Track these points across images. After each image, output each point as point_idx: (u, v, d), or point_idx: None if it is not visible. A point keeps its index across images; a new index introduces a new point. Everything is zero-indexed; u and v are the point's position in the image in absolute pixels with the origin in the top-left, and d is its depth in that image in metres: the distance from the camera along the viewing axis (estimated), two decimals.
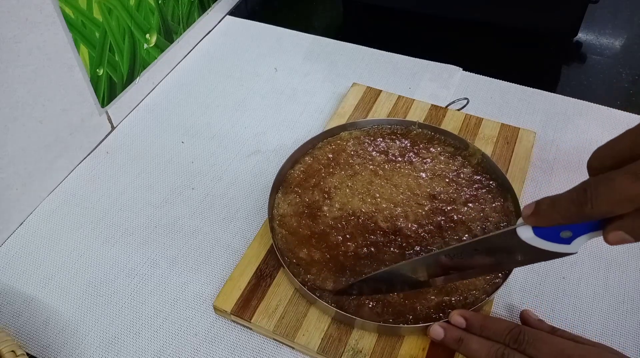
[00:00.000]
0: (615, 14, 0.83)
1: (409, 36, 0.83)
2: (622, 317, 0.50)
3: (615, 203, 0.31)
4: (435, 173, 0.57)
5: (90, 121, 0.64)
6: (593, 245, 0.55)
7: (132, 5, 0.65)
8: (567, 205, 0.33)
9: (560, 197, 0.34)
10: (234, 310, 0.49)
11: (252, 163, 0.65)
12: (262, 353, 0.49)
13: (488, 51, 0.80)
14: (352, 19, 0.88)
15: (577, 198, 0.33)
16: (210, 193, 0.62)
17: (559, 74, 0.76)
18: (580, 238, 0.36)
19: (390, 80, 0.74)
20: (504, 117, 0.67)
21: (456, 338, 0.44)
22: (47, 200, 0.61)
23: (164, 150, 0.66)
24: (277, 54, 0.79)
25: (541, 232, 0.37)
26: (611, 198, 0.31)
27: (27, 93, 0.55)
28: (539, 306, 0.51)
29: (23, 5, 0.51)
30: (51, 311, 0.52)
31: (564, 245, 0.37)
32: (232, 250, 0.56)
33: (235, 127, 0.69)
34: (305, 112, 0.70)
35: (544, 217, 0.36)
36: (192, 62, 0.78)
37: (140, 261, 0.56)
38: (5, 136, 0.54)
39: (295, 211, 0.55)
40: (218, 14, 0.84)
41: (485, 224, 0.53)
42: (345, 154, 0.59)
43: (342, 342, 0.47)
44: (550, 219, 0.35)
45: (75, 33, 0.58)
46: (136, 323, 0.51)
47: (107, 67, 0.64)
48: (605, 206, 0.31)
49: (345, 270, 0.50)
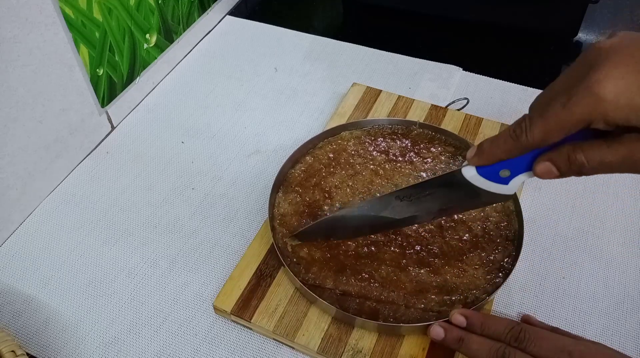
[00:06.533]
0: (615, 14, 0.83)
1: (409, 36, 0.83)
2: (622, 317, 0.50)
3: (547, 131, 0.34)
4: (436, 173, 0.57)
5: (90, 121, 0.64)
6: (593, 245, 0.55)
7: (132, 5, 0.65)
8: (506, 139, 0.37)
9: (500, 134, 0.38)
10: (234, 310, 0.49)
11: (252, 163, 0.65)
12: (262, 353, 0.49)
13: (488, 51, 0.80)
14: (352, 19, 0.88)
15: (514, 131, 0.36)
16: (210, 193, 0.62)
17: (559, 74, 0.76)
18: (516, 177, 0.39)
19: (390, 80, 0.74)
20: (504, 117, 0.67)
21: (457, 338, 0.44)
22: (47, 200, 0.61)
23: (164, 150, 0.66)
24: (277, 54, 0.79)
25: (483, 171, 0.40)
26: (544, 126, 0.34)
27: (27, 93, 0.55)
28: (539, 306, 0.51)
29: (23, 5, 0.51)
30: (51, 311, 0.52)
31: (503, 185, 0.40)
32: (232, 250, 0.56)
33: (235, 127, 0.69)
34: (305, 112, 0.70)
35: (486, 154, 0.39)
36: (192, 62, 0.78)
37: (140, 261, 0.56)
38: (5, 136, 0.54)
39: (296, 210, 0.55)
40: (218, 14, 0.84)
41: (485, 224, 0.53)
42: (346, 153, 0.59)
43: (342, 342, 0.47)
44: (492, 155, 0.39)
45: (75, 33, 0.58)
46: (136, 323, 0.51)
47: (107, 67, 0.64)
48: (539, 133, 0.34)
49: (346, 269, 0.50)
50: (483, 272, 0.50)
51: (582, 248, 0.55)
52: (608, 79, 0.31)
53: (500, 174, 0.40)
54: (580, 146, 0.34)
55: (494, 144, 0.38)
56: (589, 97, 0.31)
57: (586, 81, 0.32)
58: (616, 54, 0.32)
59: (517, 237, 0.52)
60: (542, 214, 0.58)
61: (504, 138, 0.37)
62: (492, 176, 0.40)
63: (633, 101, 0.31)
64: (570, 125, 0.33)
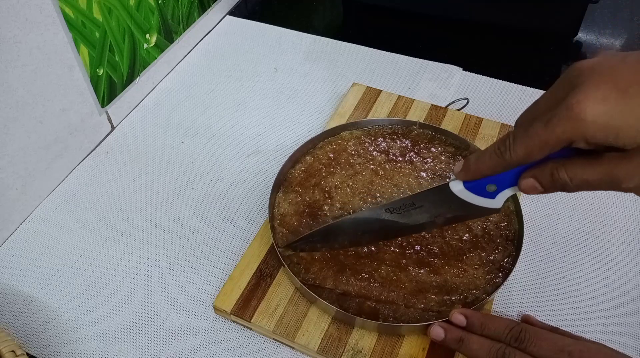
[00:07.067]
0: (615, 14, 0.83)
1: (409, 36, 0.83)
2: (622, 317, 0.50)
3: (530, 149, 0.35)
4: (436, 173, 0.57)
5: (90, 121, 0.64)
6: (593, 245, 0.55)
7: (132, 5, 0.65)
8: (491, 155, 0.38)
9: (485, 150, 0.39)
10: (234, 310, 0.49)
11: (252, 163, 0.65)
12: (262, 353, 0.49)
13: (488, 51, 0.80)
14: (352, 19, 0.88)
15: (499, 148, 0.37)
16: (210, 193, 0.62)
17: (559, 74, 0.76)
18: (502, 192, 0.41)
19: (390, 80, 0.74)
20: (504, 117, 0.67)
21: (457, 338, 0.44)
22: (47, 200, 0.61)
23: (164, 150, 0.66)
24: (277, 54, 0.79)
25: (470, 186, 0.41)
26: (526, 144, 0.35)
27: (27, 93, 0.55)
28: (539, 306, 0.51)
29: (23, 5, 0.51)
30: (51, 311, 0.52)
31: (489, 199, 0.41)
32: (232, 250, 0.56)
33: (235, 127, 0.69)
34: (305, 112, 0.70)
35: (472, 170, 0.40)
36: (192, 62, 0.78)
37: (140, 261, 0.56)
38: (5, 136, 0.54)
39: (296, 210, 0.55)
40: (218, 14, 0.84)
41: (485, 224, 0.53)
42: (346, 153, 0.59)
43: (342, 342, 0.47)
44: (477, 171, 0.40)
45: (75, 33, 0.58)
46: (136, 323, 0.51)
47: (107, 67, 0.64)
48: (522, 151, 0.35)
49: (346, 269, 0.50)
50: (483, 272, 0.50)
51: (582, 248, 0.55)
52: (588, 100, 0.31)
53: (487, 188, 0.41)
54: (563, 164, 0.35)
55: (480, 161, 0.39)
56: (569, 118, 0.32)
57: (567, 101, 0.32)
58: (596, 74, 0.32)
59: (517, 237, 0.52)
60: (542, 214, 0.58)
61: (489, 154, 0.38)
62: (479, 190, 0.41)
63: (611, 122, 0.31)
64: (551, 144, 0.34)
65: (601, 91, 0.31)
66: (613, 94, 0.31)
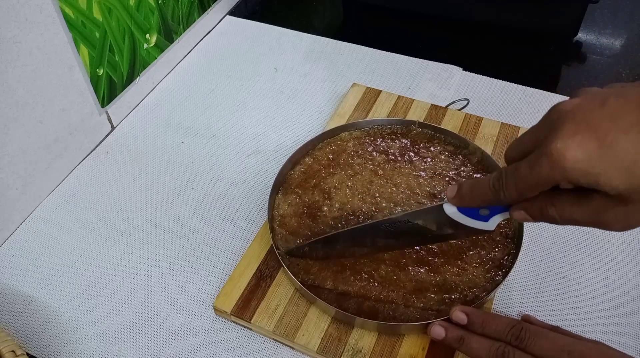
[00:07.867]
0: (615, 14, 0.83)
1: (409, 36, 0.83)
2: (622, 317, 0.50)
3: (521, 190, 0.36)
4: (436, 172, 0.57)
5: (90, 121, 0.65)
6: (593, 245, 0.55)
7: (132, 5, 0.65)
8: (485, 191, 0.39)
9: (479, 184, 0.39)
10: (234, 310, 0.49)
11: (252, 163, 0.65)
12: (262, 353, 0.49)
13: (488, 51, 0.80)
14: (352, 19, 0.88)
15: (493, 186, 0.38)
16: (210, 193, 0.62)
17: (559, 74, 0.77)
18: (496, 216, 0.41)
19: (390, 80, 0.74)
20: (503, 117, 0.67)
21: (457, 337, 0.44)
22: (47, 200, 0.61)
23: (164, 150, 0.66)
24: (277, 54, 0.79)
25: (463, 209, 0.42)
26: (517, 187, 0.36)
27: (27, 93, 0.55)
28: (539, 306, 0.51)
29: (23, 5, 0.51)
30: (51, 311, 0.52)
31: (483, 221, 0.42)
32: (232, 250, 0.56)
33: (235, 128, 0.69)
34: (305, 113, 0.70)
35: (467, 200, 0.41)
36: (192, 62, 0.78)
37: (140, 261, 0.56)
38: (5, 136, 0.54)
39: (295, 211, 0.55)
40: (218, 14, 0.84)
41: None
42: (345, 154, 0.59)
43: (342, 342, 0.47)
44: (471, 201, 0.41)
45: (75, 33, 0.58)
46: (136, 323, 0.51)
47: (107, 67, 0.65)
48: (515, 193, 0.36)
49: (345, 269, 0.50)
50: (483, 270, 0.50)
51: (582, 248, 0.55)
52: (566, 147, 0.32)
53: (480, 212, 0.42)
54: (553, 201, 0.36)
55: (474, 192, 0.40)
56: (551, 163, 0.32)
57: (547, 145, 0.32)
58: (575, 119, 0.32)
59: (517, 235, 0.52)
60: None
61: (484, 188, 0.39)
62: (472, 214, 0.42)
63: (590, 170, 0.31)
64: (540, 186, 0.35)
65: (579, 137, 0.32)
66: (591, 143, 0.31)
